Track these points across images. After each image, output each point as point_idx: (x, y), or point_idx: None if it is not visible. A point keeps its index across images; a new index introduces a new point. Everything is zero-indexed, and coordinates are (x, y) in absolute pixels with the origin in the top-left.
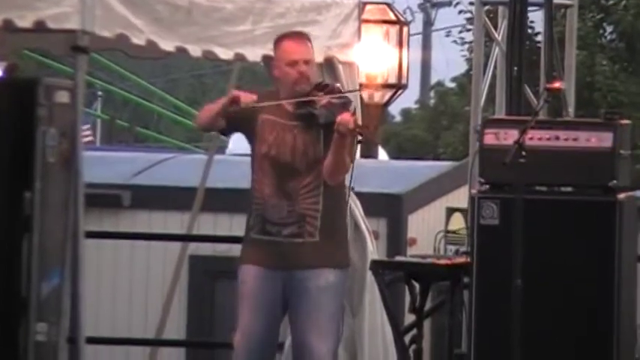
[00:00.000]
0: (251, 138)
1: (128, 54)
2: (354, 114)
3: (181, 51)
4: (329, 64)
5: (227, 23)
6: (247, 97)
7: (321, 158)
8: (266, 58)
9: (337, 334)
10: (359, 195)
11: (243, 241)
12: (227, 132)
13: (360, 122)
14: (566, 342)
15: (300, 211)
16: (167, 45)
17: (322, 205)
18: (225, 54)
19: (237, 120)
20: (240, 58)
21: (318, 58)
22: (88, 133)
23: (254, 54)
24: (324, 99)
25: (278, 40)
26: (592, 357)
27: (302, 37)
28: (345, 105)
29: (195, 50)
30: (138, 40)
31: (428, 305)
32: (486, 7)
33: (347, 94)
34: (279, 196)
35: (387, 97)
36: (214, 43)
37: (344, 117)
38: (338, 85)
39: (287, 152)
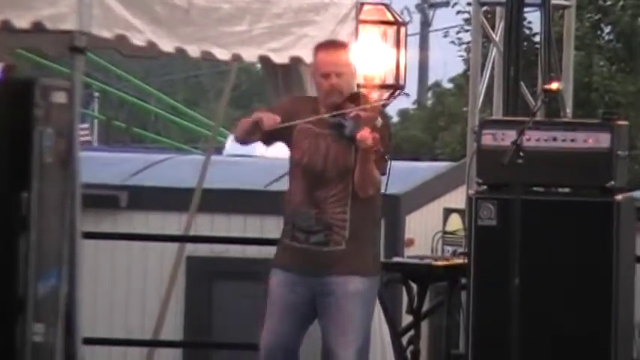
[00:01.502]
0: (288, 145)
1: (123, 53)
2: (378, 129)
3: (180, 52)
4: None
5: (224, 23)
6: (270, 120)
7: (352, 168)
8: (262, 59)
9: (364, 341)
10: None
11: (278, 245)
12: (267, 144)
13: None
14: (564, 342)
15: (327, 219)
16: (166, 46)
17: (350, 215)
18: (222, 54)
19: (274, 132)
20: (236, 58)
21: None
22: (85, 133)
23: (250, 54)
24: (354, 110)
25: (315, 50)
26: (590, 356)
27: (337, 47)
28: (370, 120)
29: (194, 51)
30: (138, 40)
31: (425, 306)
32: (484, 8)
33: (377, 107)
34: (307, 204)
35: (384, 98)
36: (212, 43)
37: (363, 134)
38: (374, 97)
39: (319, 160)
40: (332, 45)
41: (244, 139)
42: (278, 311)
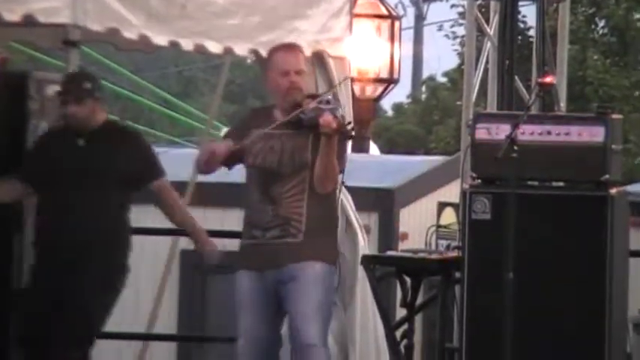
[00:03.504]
0: (245, 156)
1: (118, 47)
2: (340, 117)
3: (174, 45)
4: (319, 59)
5: (218, 17)
6: (221, 148)
7: (308, 163)
8: (253, 52)
9: (327, 321)
10: (350, 189)
11: (239, 247)
12: (229, 167)
13: (347, 121)
14: (558, 336)
15: (283, 214)
16: (160, 39)
17: (306, 210)
18: (215, 47)
19: (231, 156)
20: (228, 51)
21: (307, 52)
22: None
23: (242, 48)
24: (312, 104)
25: (270, 53)
26: (584, 351)
27: (293, 48)
28: (332, 110)
29: (187, 44)
30: (130, 34)
31: (419, 300)
32: (478, 2)
33: (336, 102)
34: (264, 202)
35: (378, 92)
36: (205, 36)
37: (325, 118)
38: (329, 95)
39: (274, 158)
40: (288, 46)
41: (206, 170)
42: (247, 311)
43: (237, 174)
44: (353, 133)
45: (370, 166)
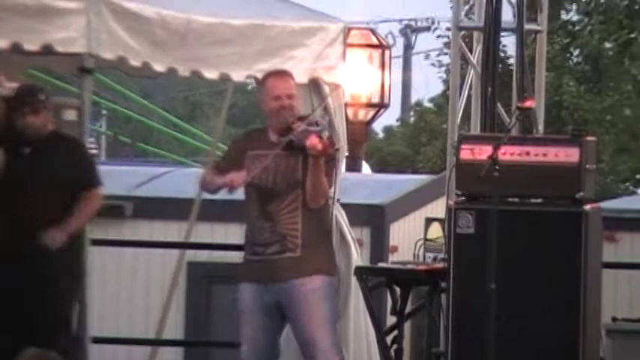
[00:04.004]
0: None
1: (127, 73)
2: (327, 138)
3: (172, 71)
4: (315, 85)
5: (217, 46)
6: (239, 178)
7: (300, 181)
8: (251, 78)
9: (334, 330)
10: (344, 206)
11: (241, 262)
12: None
13: (332, 144)
14: (537, 342)
15: (281, 231)
16: (159, 66)
17: (301, 225)
18: (210, 73)
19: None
20: (225, 77)
21: (304, 79)
22: (93, 147)
23: (238, 74)
24: (301, 126)
25: (264, 79)
26: (560, 355)
27: (284, 74)
28: (319, 132)
29: (184, 70)
30: (135, 61)
31: (408, 308)
32: (462, 32)
33: (323, 124)
34: (262, 219)
35: (370, 116)
36: (202, 63)
37: (311, 141)
38: (318, 117)
39: (269, 177)
40: (279, 72)
41: (212, 192)
42: (249, 321)
43: (239, 192)
44: (337, 154)
45: (363, 184)
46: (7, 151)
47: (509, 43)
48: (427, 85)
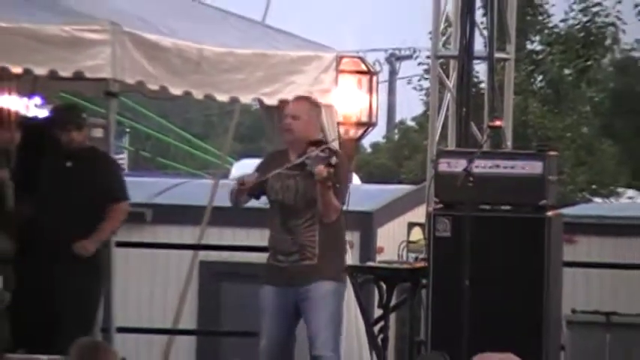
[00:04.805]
0: (266, 190)
1: (146, 95)
2: (332, 166)
3: (187, 94)
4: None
5: (228, 72)
6: (249, 177)
7: (316, 200)
8: (257, 100)
9: (338, 329)
10: None
11: (266, 266)
12: (256, 198)
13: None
14: (505, 331)
15: (300, 242)
16: (176, 90)
17: (318, 237)
18: (222, 97)
19: (256, 188)
20: (234, 100)
21: None
22: (121, 162)
23: (246, 97)
24: (315, 152)
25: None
26: (527, 343)
27: (300, 98)
28: (328, 158)
29: (198, 94)
30: (153, 85)
31: (393, 302)
32: (440, 60)
33: (330, 152)
34: (284, 232)
35: (360, 133)
36: (214, 88)
37: (319, 169)
38: (329, 144)
39: (291, 196)
40: (298, 97)
41: (237, 202)
42: (270, 318)
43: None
44: (350, 175)
45: (353, 193)
46: (54, 163)
47: (481, 69)
48: (409, 106)
